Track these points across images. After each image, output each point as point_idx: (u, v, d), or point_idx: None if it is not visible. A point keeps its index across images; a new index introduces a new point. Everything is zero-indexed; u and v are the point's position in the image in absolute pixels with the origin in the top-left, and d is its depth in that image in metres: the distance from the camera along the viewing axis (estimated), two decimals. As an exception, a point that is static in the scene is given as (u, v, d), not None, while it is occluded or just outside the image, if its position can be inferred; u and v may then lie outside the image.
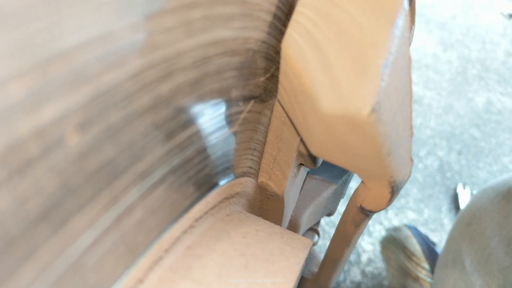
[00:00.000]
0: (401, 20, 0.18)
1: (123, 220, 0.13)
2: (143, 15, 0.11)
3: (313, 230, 0.46)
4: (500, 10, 1.68)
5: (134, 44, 0.11)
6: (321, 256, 0.43)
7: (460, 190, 0.99)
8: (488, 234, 0.54)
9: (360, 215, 0.27)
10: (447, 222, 0.94)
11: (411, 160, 0.22)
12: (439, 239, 0.90)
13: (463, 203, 0.96)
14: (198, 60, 0.14)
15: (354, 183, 0.94)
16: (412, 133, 0.21)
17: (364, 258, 0.85)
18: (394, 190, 0.21)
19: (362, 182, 0.23)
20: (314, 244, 0.46)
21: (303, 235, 0.46)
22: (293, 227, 0.38)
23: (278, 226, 0.24)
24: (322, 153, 0.21)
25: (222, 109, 0.17)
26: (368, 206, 0.23)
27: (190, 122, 0.15)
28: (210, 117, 0.16)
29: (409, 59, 0.20)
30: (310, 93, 0.19)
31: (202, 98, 0.15)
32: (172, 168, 0.15)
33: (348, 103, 0.18)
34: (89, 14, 0.10)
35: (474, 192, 0.98)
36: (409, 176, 0.22)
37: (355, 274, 0.83)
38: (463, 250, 0.57)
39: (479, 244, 0.55)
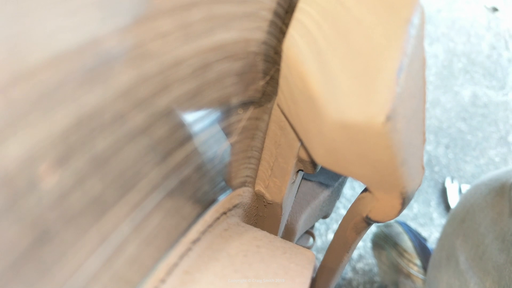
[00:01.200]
0: (417, 18, 0.16)
1: (113, 260, 0.11)
2: (133, 17, 0.09)
3: (309, 233, 0.45)
4: (484, 3, 1.69)
5: (122, 54, 0.09)
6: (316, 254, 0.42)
7: (448, 184, 0.99)
8: (482, 231, 0.54)
9: (363, 223, 0.25)
10: (436, 216, 0.94)
11: (423, 168, 0.20)
12: (429, 234, 0.90)
13: (452, 197, 0.96)
14: (197, 68, 0.12)
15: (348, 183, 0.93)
16: (424, 140, 0.20)
17: (354, 254, 0.85)
18: (405, 201, 0.20)
19: (368, 191, 0.22)
20: (310, 248, 0.45)
21: (299, 239, 0.45)
22: (289, 232, 0.36)
23: (279, 239, 0.23)
24: (327, 162, 0.20)
25: (221, 120, 0.15)
26: (375, 217, 0.22)
27: (187, 138, 0.13)
28: (208, 130, 0.15)
29: (423, 61, 0.18)
30: (313, 100, 0.18)
31: (201, 110, 0.13)
32: (169, 191, 0.13)
33: (359, 110, 0.16)
34: (64, 18, 0.08)
35: (462, 186, 0.99)
36: (419, 185, 0.21)
37: (346, 271, 0.83)
38: (457, 247, 0.56)
39: (473, 241, 0.54)
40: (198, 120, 0.14)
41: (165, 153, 0.12)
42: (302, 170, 0.26)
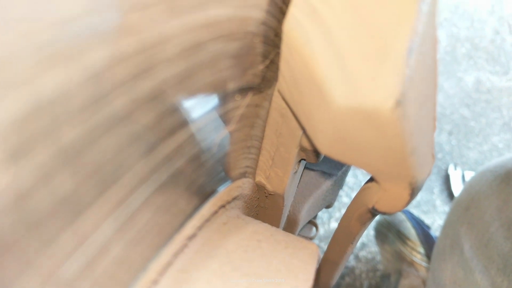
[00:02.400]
0: (429, -6, 0.15)
1: (94, 264, 0.10)
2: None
3: (311, 223, 0.44)
4: (487, -14, 1.66)
5: (92, 28, 0.08)
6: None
7: (451, 171, 0.98)
8: (487, 219, 0.53)
9: (368, 214, 0.24)
10: (439, 203, 0.93)
11: (433, 157, 0.19)
12: (432, 221, 0.89)
13: (455, 184, 0.95)
14: (187, 48, 0.11)
15: (350, 172, 0.92)
16: (435, 127, 0.19)
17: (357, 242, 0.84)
18: (414, 192, 0.18)
19: (374, 181, 0.21)
20: (312, 238, 0.44)
21: (301, 229, 0.44)
22: (291, 223, 0.35)
23: (281, 232, 0.22)
24: (332, 152, 0.18)
25: (217, 106, 0.14)
26: (382, 208, 0.21)
27: (178, 127, 0.12)
28: (202, 118, 0.13)
29: (435, 40, 0.17)
30: (318, 84, 0.16)
31: (193, 96, 0.12)
32: (158, 186, 0.12)
33: (366, 95, 0.15)
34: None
35: (466, 172, 0.98)
36: (429, 175, 0.19)
37: (349, 259, 0.82)
38: (461, 235, 0.55)
39: (478, 229, 0.53)
40: (191, 107, 0.12)
41: (152, 144, 0.11)
42: (304, 160, 0.25)
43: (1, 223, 0.07)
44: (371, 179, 0.21)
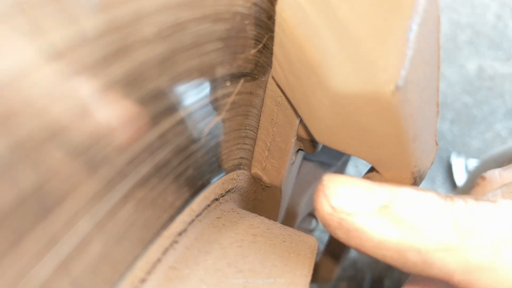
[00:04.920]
0: (431, -32, 0.14)
1: (71, 264, 0.09)
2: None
3: (311, 215, 0.43)
4: (488, -28, 1.63)
5: (54, 4, 0.07)
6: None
7: (453, 160, 0.97)
8: (490, 208, 0.52)
9: (369, 205, 0.23)
10: (442, 192, 0.92)
11: (436, 143, 0.18)
12: (434, 211, 0.88)
13: (457, 173, 0.94)
14: (166, 27, 0.10)
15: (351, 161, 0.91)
16: (438, 112, 0.18)
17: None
18: (417, 182, 0.18)
19: (374, 171, 0.20)
20: (312, 230, 0.43)
21: (301, 222, 0.43)
22: (290, 216, 0.35)
23: (278, 226, 0.21)
24: (330, 140, 0.17)
25: (204, 93, 0.13)
26: (383, 199, 0.20)
27: (161, 115, 0.11)
28: (189, 105, 0.12)
29: (438, 20, 0.16)
30: (315, 68, 0.15)
31: (177, 81, 0.11)
32: (140, 179, 0.11)
33: (366, 78, 0.14)
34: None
35: (468, 161, 0.97)
36: (432, 163, 0.19)
37: (351, 251, 0.82)
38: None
39: (482, 218, 0.52)
40: (175, 93, 0.11)
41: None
42: (302, 150, 0.24)
43: None
44: (372, 169, 0.20)
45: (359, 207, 0.14)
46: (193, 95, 0.13)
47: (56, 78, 0.07)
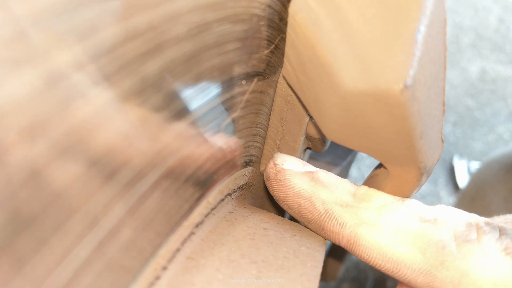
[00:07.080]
0: (438, -27, 0.15)
1: (106, 246, 0.10)
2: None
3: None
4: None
5: (103, 6, 0.08)
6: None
7: (456, 162, 0.98)
8: (493, 209, 0.52)
9: (375, 202, 0.24)
10: (444, 194, 0.93)
11: (442, 141, 0.19)
12: (437, 212, 0.89)
13: (460, 175, 0.94)
14: (194, 27, 0.10)
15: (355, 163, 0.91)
16: (444, 110, 0.18)
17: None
18: (423, 178, 0.18)
19: (382, 167, 0.20)
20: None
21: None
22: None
23: (287, 221, 0.21)
24: (339, 137, 0.18)
25: (223, 90, 0.14)
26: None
27: (185, 110, 0.12)
28: (209, 102, 0.13)
29: (444, 22, 0.16)
30: (326, 67, 0.16)
31: (200, 78, 0.12)
32: (166, 169, 0.12)
33: (375, 77, 0.15)
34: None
35: (471, 163, 0.97)
36: (438, 160, 0.19)
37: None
38: (467, 225, 0.55)
39: (484, 219, 0.53)
40: (198, 89, 0.12)
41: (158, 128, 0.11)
42: (310, 149, 0.25)
43: (19, 197, 0.07)
44: (379, 166, 0.21)
45: (292, 167, 0.19)
46: (213, 92, 0.13)
47: (100, 73, 0.08)
